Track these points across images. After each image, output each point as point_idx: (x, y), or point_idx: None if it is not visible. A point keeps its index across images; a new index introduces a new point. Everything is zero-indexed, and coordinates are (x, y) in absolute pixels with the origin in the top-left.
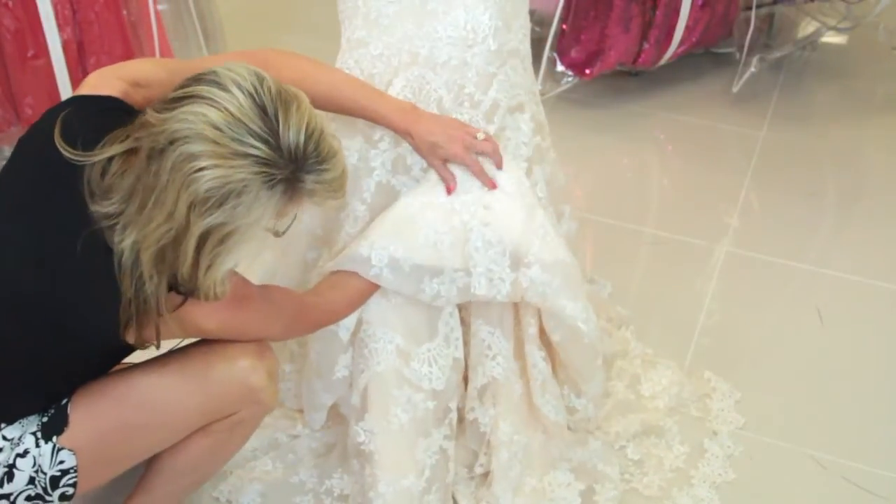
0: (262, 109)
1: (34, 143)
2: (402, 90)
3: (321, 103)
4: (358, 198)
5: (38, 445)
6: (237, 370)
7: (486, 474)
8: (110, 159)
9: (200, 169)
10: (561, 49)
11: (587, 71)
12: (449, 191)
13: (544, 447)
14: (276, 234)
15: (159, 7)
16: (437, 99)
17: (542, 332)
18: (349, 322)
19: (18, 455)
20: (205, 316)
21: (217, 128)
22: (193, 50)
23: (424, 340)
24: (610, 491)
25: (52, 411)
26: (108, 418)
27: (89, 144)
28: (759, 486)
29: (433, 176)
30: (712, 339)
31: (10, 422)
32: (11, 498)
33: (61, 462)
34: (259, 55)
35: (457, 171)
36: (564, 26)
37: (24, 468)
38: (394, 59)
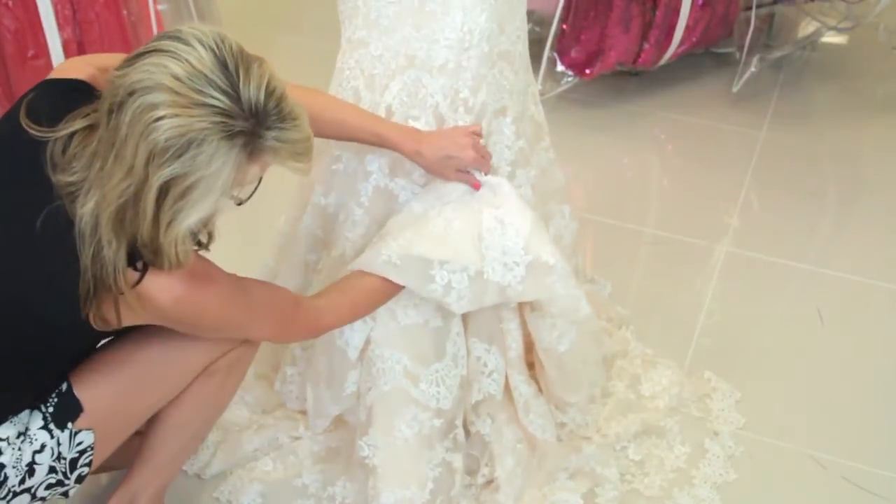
0: (223, 64)
1: (3, 128)
2: (399, 94)
3: (328, 129)
4: (355, 202)
5: (52, 436)
6: None
7: (487, 483)
8: (72, 135)
9: (160, 118)
10: (561, 49)
11: (587, 71)
12: (476, 187)
13: (540, 463)
14: (239, 203)
15: (159, 7)
16: (434, 105)
17: (528, 351)
18: (357, 340)
19: (36, 452)
20: (161, 290)
21: (177, 78)
22: None
23: (433, 361)
24: (610, 492)
25: (55, 400)
26: (118, 384)
27: (53, 122)
28: (759, 487)
29: (438, 184)
30: (712, 339)
31: (0, 421)
32: (32, 489)
33: (80, 443)
34: None
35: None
36: (564, 26)
37: (43, 461)
38: (392, 63)
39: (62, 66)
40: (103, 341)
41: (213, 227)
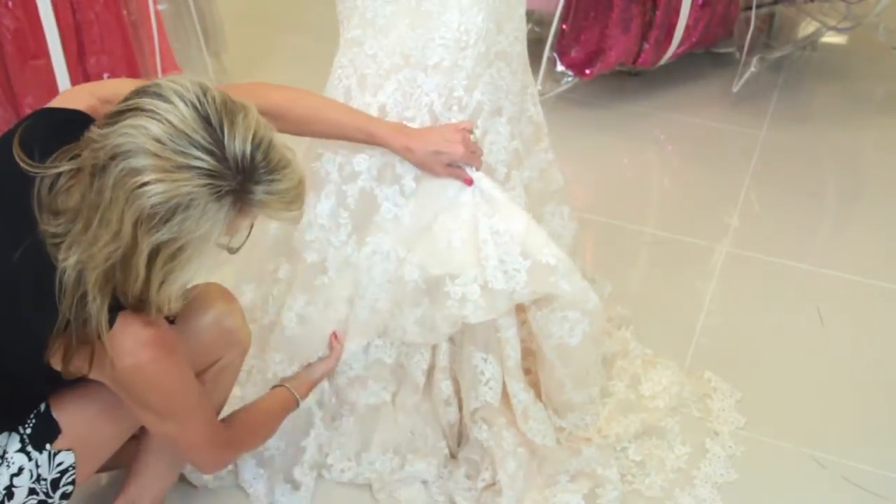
0: (205, 120)
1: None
2: (394, 93)
3: (318, 129)
4: (342, 204)
5: (30, 458)
6: (211, 316)
7: (488, 487)
8: (59, 174)
9: (144, 184)
10: (561, 49)
11: (587, 71)
12: (468, 182)
13: (540, 467)
14: (231, 251)
15: (159, 7)
16: (428, 104)
17: (524, 357)
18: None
19: (13, 475)
20: (126, 353)
21: (159, 140)
22: (193, 50)
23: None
24: (611, 492)
25: (33, 422)
26: (97, 403)
27: (45, 156)
28: (760, 487)
29: (432, 185)
30: (712, 339)
31: None
32: None
33: (60, 464)
34: (247, 86)
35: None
36: (564, 26)
37: (22, 484)
38: (386, 62)
39: (64, 94)
40: None
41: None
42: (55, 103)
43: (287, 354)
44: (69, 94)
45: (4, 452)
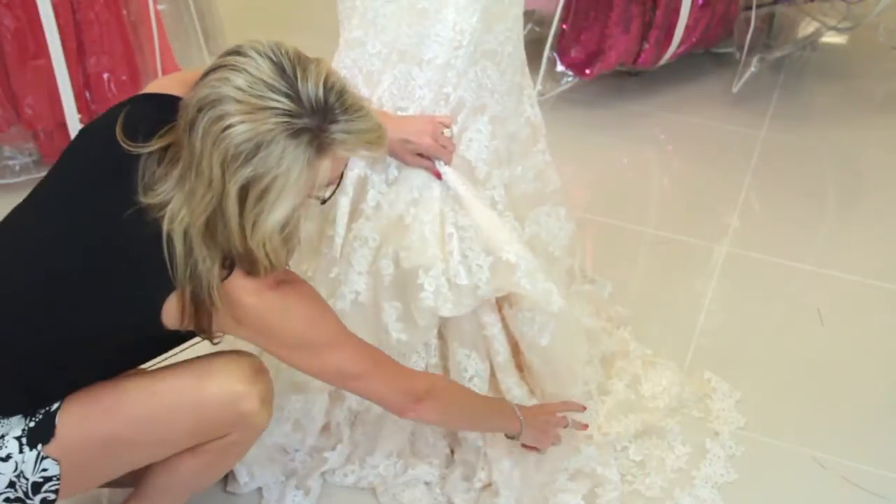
0: (280, 68)
1: (94, 135)
2: (390, 87)
3: None
4: (342, 191)
5: (21, 451)
6: (229, 395)
7: (485, 487)
8: (165, 149)
9: (227, 127)
10: (561, 49)
11: (587, 71)
12: (437, 176)
13: (538, 465)
14: (322, 202)
15: (159, 7)
16: (420, 97)
17: (518, 353)
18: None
19: (0, 459)
20: (245, 289)
21: (239, 88)
22: (193, 50)
23: None
24: (611, 492)
25: (40, 417)
26: (95, 431)
27: (150, 135)
28: (760, 487)
29: (406, 175)
30: (712, 339)
31: None
32: None
33: (44, 470)
34: None
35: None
36: (564, 26)
37: (6, 472)
38: (387, 58)
39: (158, 82)
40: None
41: (299, 233)
42: (151, 89)
43: None
44: (160, 85)
45: (5, 434)
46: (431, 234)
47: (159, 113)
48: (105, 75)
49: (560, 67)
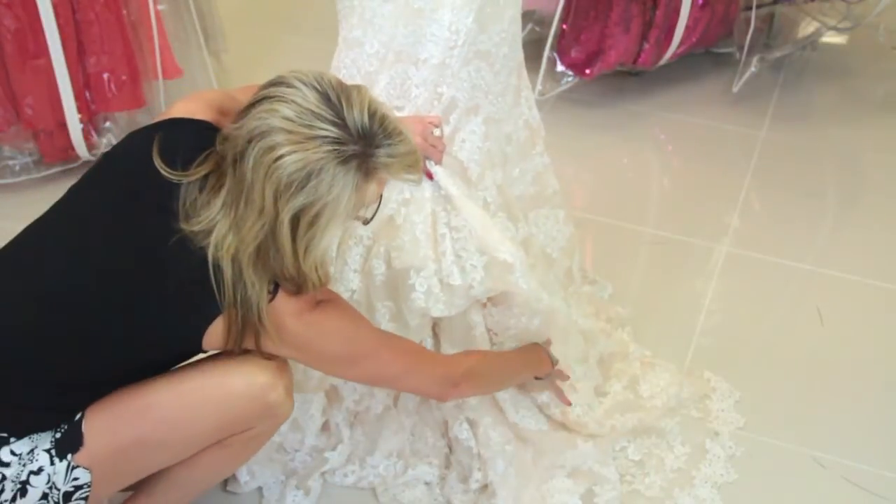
0: (325, 97)
1: (122, 161)
2: (386, 87)
3: None
4: None
5: (52, 463)
6: (256, 388)
7: (483, 488)
8: (206, 177)
9: (280, 157)
10: (561, 49)
11: (587, 71)
12: (429, 176)
13: (535, 460)
14: (365, 222)
15: (159, 7)
16: (416, 97)
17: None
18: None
19: (32, 472)
20: (288, 309)
21: (288, 119)
22: (193, 50)
23: None
24: (609, 492)
25: (65, 427)
26: (124, 435)
27: (188, 163)
28: (759, 487)
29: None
30: (712, 339)
31: (19, 436)
32: None
33: (76, 479)
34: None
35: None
36: (564, 26)
37: (38, 485)
38: (383, 58)
39: (184, 107)
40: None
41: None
42: (179, 113)
43: None
44: (188, 108)
45: (35, 448)
46: (423, 234)
47: (195, 139)
48: (105, 75)
49: (560, 67)
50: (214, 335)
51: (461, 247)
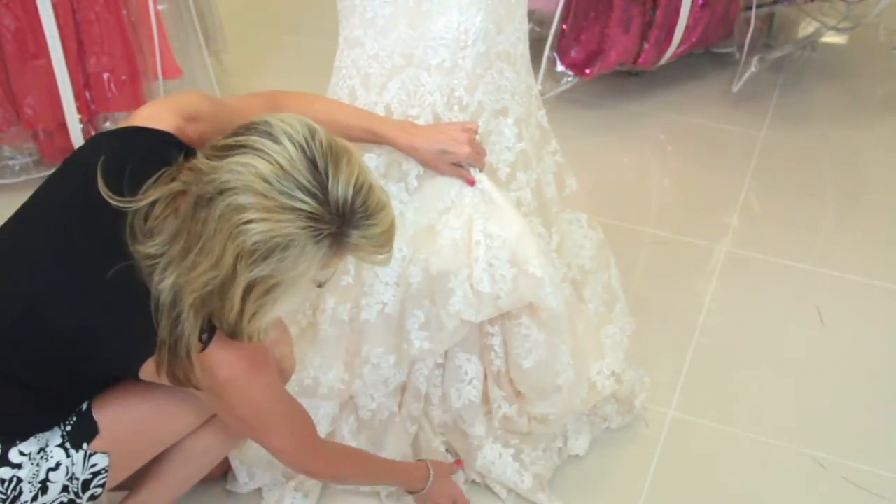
0: (312, 163)
1: (79, 171)
2: (398, 92)
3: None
4: None
5: (68, 456)
6: (266, 344)
7: (474, 482)
8: (154, 202)
9: (248, 221)
10: (561, 49)
11: (587, 71)
12: (470, 183)
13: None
14: (319, 286)
15: (159, 7)
16: (431, 103)
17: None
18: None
19: (50, 469)
20: (221, 364)
21: (266, 180)
22: (193, 50)
23: None
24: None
25: (74, 419)
26: (137, 411)
27: (134, 187)
28: (759, 487)
29: (434, 183)
30: (712, 339)
31: (23, 438)
32: None
33: (94, 465)
34: (266, 95)
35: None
36: (564, 26)
37: (57, 479)
38: (388, 62)
39: (148, 112)
40: None
41: None
42: (139, 121)
43: (324, 357)
44: (153, 112)
45: (46, 445)
46: (462, 239)
47: (148, 155)
48: (105, 75)
49: (560, 67)
50: (148, 368)
51: (494, 255)
